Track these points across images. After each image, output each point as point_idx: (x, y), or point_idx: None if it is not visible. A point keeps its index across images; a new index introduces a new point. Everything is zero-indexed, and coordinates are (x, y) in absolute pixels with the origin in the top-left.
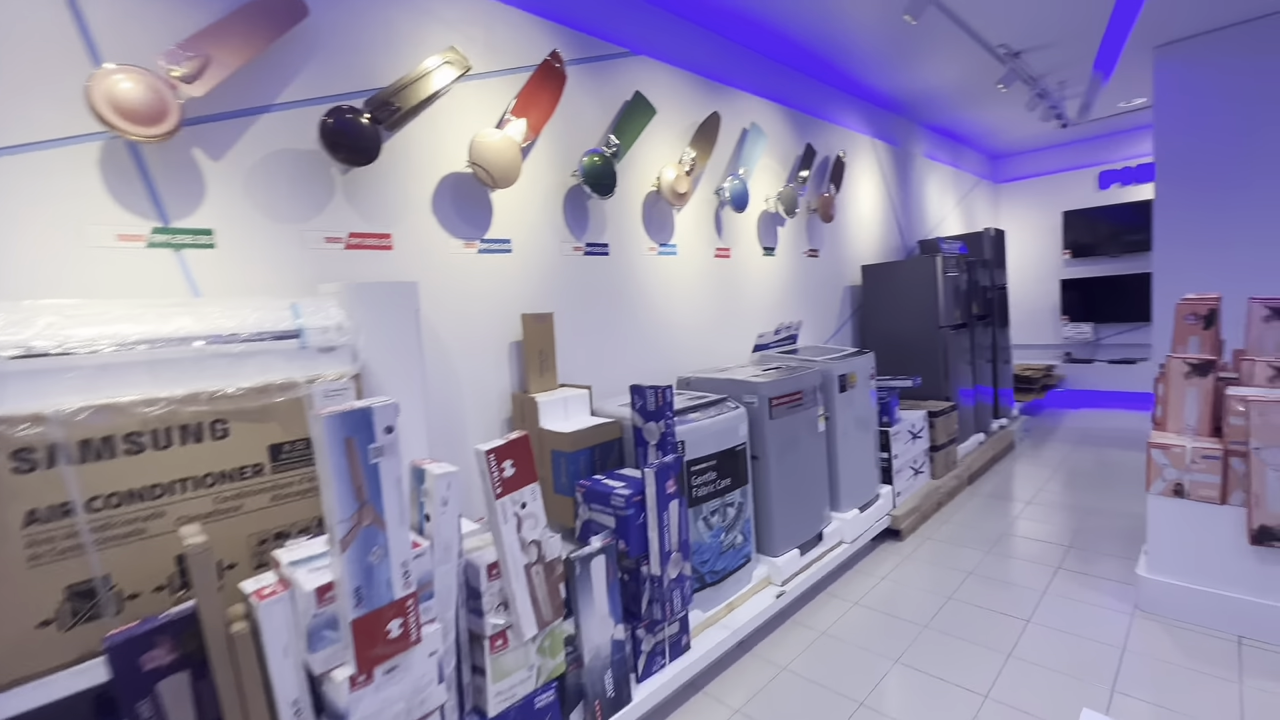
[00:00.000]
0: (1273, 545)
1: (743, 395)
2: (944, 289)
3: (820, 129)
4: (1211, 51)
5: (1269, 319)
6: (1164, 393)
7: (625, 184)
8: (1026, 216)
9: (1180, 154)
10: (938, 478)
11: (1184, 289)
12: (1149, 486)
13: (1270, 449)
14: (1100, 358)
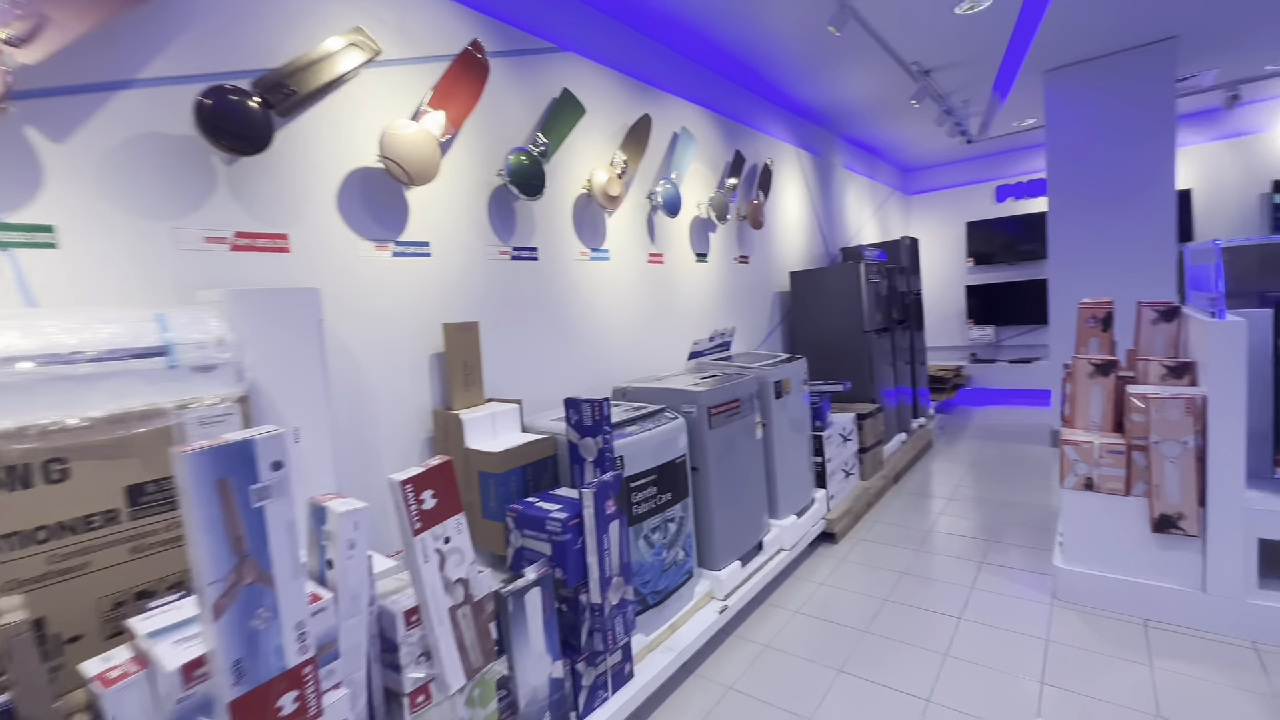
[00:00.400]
0: (1171, 532)
1: (681, 405)
2: (867, 295)
3: (748, 137)
4: (1094, 76)
5: (1157, 321)
6: (1072, 391)
7: (555, 185)
8: (934, 227)
9: (1069, 170)
10: (867, 479)
11: (1076, 294)
12: (1062, 481)
13: (1167, 442)
14: (1001, 358)
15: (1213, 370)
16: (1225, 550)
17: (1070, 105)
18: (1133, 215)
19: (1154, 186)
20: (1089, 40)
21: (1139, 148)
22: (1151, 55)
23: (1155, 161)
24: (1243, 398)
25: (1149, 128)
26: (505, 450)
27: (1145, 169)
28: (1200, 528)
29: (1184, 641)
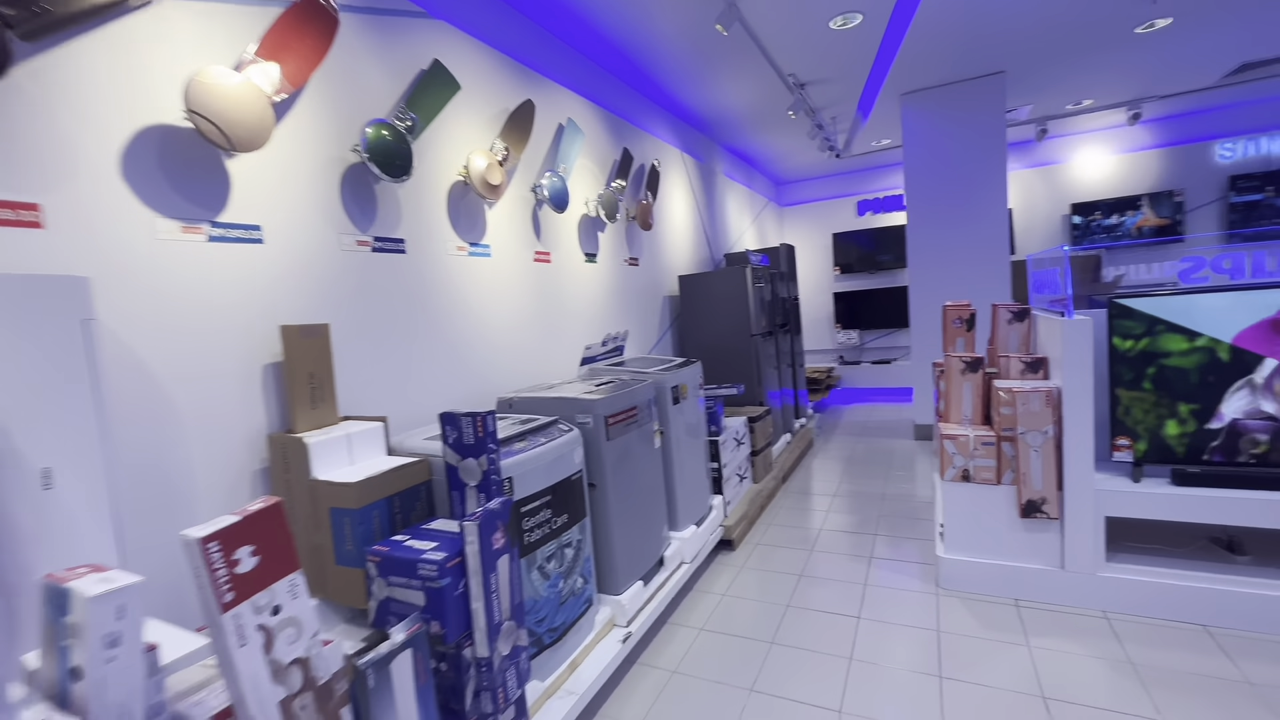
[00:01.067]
0: (1036, 516)
1: (575, 415)
2: (754, 299)
3: (636, 136)
4: (942, 102)
5: (1011, 321)
6: (945, 389)
7: (425, 169)
8: (805, 237)
9: (923, 187)
10: (759, 481)
11: (933, 299)
12: (943, 474)
13: (1032, 433)
14: (865, 359)
15: (1065, 364)
16: (1079, 530)
17: (923, 128)
18: (974, 229)
19: (990, 205)
20: (938, 69)
21: (978, 169)
22: (985, 87)
23: (990, 183)
24: (1091, 388)
25: (985, 152)
26: (365, 480)
27: (983, 189)
28: (1060, 510)
29: (1050, 618)
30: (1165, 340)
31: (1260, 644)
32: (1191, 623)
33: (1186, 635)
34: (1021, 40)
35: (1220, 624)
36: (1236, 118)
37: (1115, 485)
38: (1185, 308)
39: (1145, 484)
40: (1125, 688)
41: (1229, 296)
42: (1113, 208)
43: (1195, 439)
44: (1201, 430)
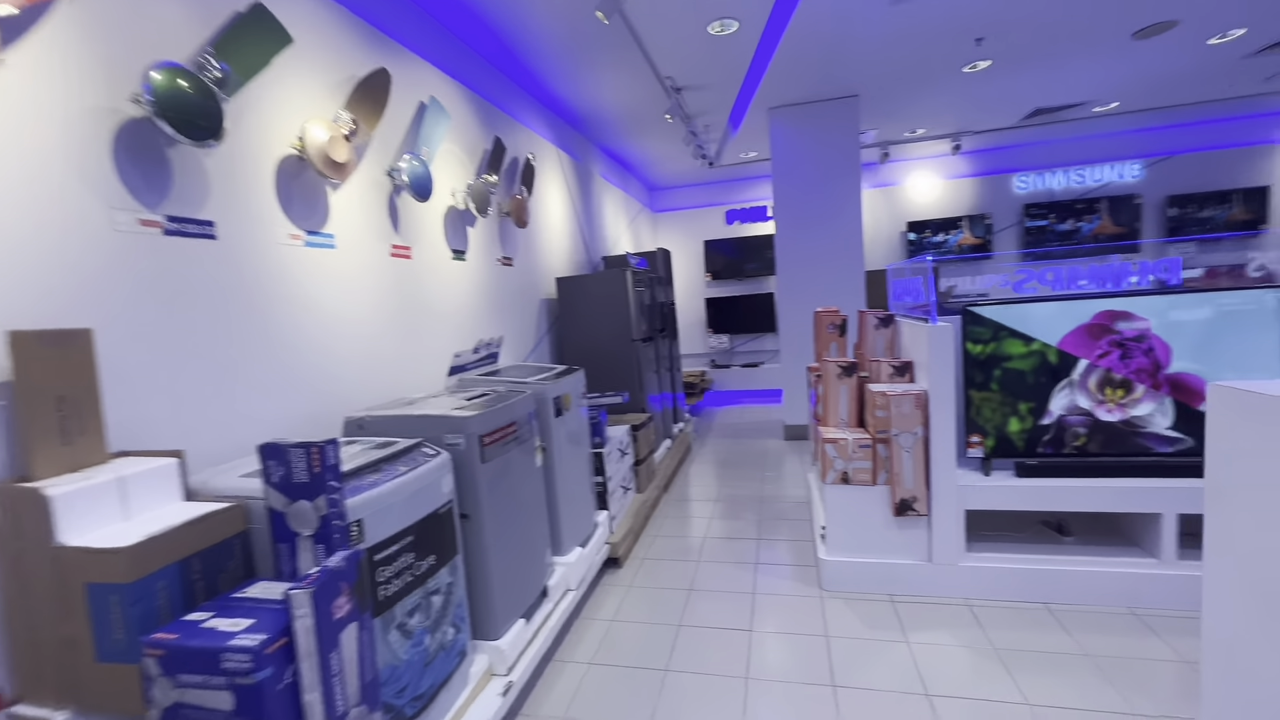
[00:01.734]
0: (909, 514)
1: (444, 436)
2: (635, 303)
3: (509, 126)
4: (806, 119)
5: (878, 327)
6: (823, 392)
7: (246, 136)
8: (678, 243)
9: (789, 199)
10: (643, 491)
11: (799, 305)
12: (825, 477)
13: (904, 434)
14: (735, 363)
15: (931, 367)
16: (945, 524)
17: (789, 142)
18: (834, 240)
19: (847, 218)
20: (803, 86)
21: (836, 185)
22: (842, 109)
23: (847, 198)
24: (953, 390)
25: (843, 170)
26: (144, 541)
27: (841, 203)
28: (928, 507)
29: (922, 610)
30: (1008, 345)
31: (1088, 616)
32: (1035, 602)
33: (1032, 614)
34: (872, 68)
35: (1056, 600)
36: (1029, 155)
37: (971, 480)
38: (1023, 315)
39: (995, 477)
40: (994, 675)
41: (1055, 305)
42: (940, 227)
43: (1032, 434)
44: (1037, 426)
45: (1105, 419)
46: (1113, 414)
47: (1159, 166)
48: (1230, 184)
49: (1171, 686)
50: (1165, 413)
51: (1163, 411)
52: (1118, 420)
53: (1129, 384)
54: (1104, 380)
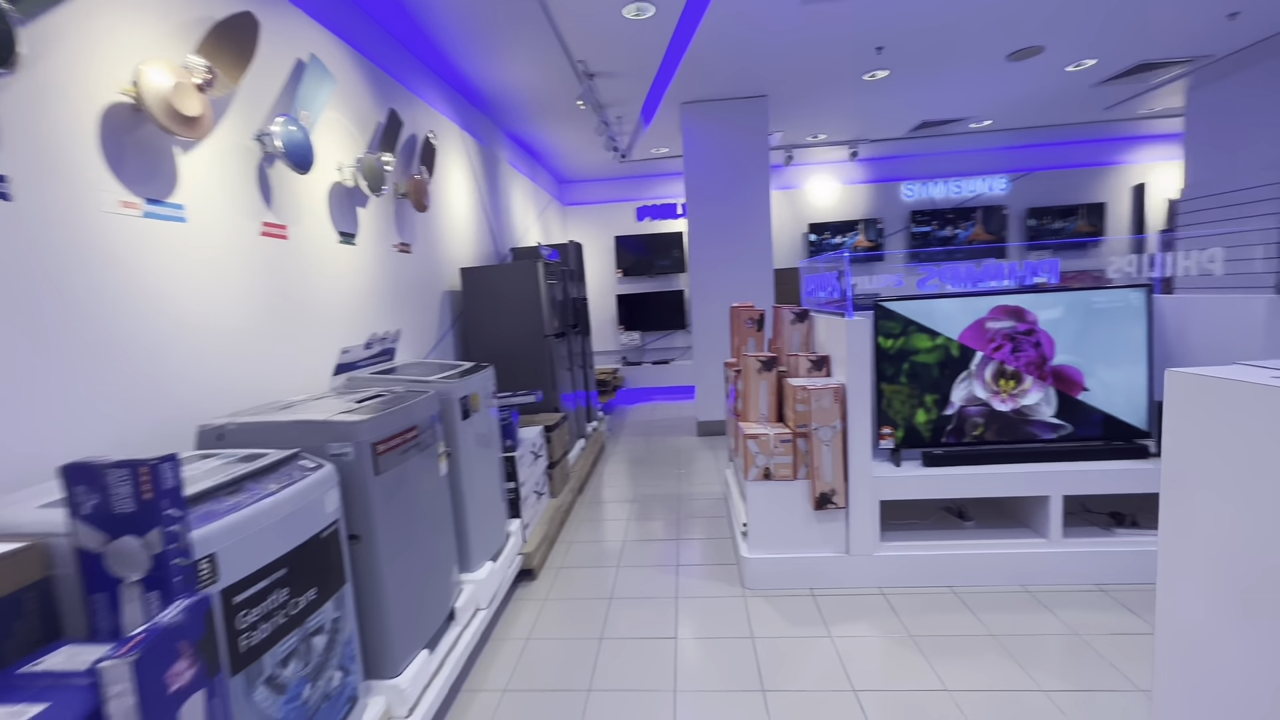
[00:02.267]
0: (828, 507)
1: (328, 445)
2: (547, 297)
3: (407, 100)
4: (718, 116)
5: (794, 322)
6: (744, 388)
7: (53, 70)
8: (590, 238)
9: (702, 196)
10: (557, 495)
11: (712, 301)
12: (746, 474)
13: (824, 428)
14: (647, 360)
15: (849, 361)
16: (861, 515)
17: (701, 139)
18: (745, 238)
19: (757, 218)
20: (715, 83)
21: (747, 184)
22: (752, 108)
23: (757, 198)
24: (869, 384)
25: (753, 169)
26: None
27: (751, 202)
28: (846, 499)
29: (841, 603)
30: (916, 339)
31: (988, 596)
32: (941, 586)
33: (940, 598)
34: (781, 68)
35: (960, 583)
36: (916, 165)
37: (885, 472)
38: (929, 311)
39: (905, 468)
40: (913, 663)
41: (958, 301)
42: (838, 229)
43: (937, 425)
44: (941, 416)
45: (1000, 409)
46: (1006, 404)
47: (1021, 181)
48: (1077, 199)
49: (1067, 659)
50: (1050, 402)
51: (1048, 401)
52: (1010, 410)
53: (1019, 375)
54: (998, 372)
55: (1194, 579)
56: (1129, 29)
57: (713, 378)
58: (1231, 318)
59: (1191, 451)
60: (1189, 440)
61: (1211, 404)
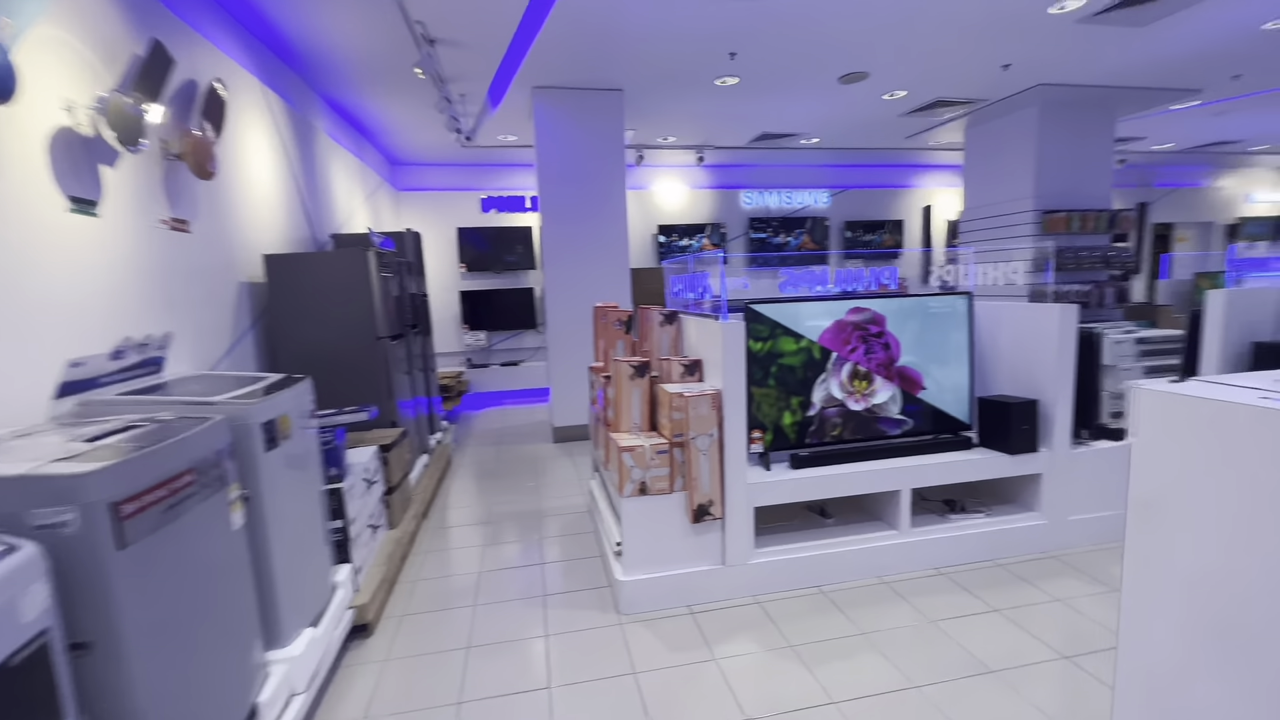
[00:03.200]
0: (706, 519)
1: (31, 512)
2: (381, 292)
3: (179, 32)
4: (572, 106)
5: (663, 324)
6: (615, 395)
7: None
8: (429, 229)
9: (556, 189)
10: (397, 525)
11: (568, 300)
12: (621, 490)
13: (701, 436)
14: (494, 361)
15: (724, 366)
16: (738, 524)
17: (555, 128)
18: (601, 236)
19: (613, 215)
20: (569, 69)
21: (602, 180)
22: (608, 102)
23: (612, 194)
24: (744, 388)
25: (609, 164)
26: None
27: (607, 199)
28: (723, 509)
29: (720, 619)
30: (783, 342)
31: (852, 591)
32: (811, 587)
33: (811, 600)
34: (637, 62)
35: (827, 582)
36: (755, 175)
37: (758, 477)
38: (794, 313)
39: (775, 471)
40: (797, 676)
41: (819, 305)
42: (685, 232)
43: (801, 426)
44: (805, 418)
45: (854, 409)
46: (859, 404)
47: (840, 196)
48: (883, 216)
49: (928, 649)
50: (896, 400)
51: (894, 400)
52: (863, 409)
53: (870, 376)
54: (853, 373)
55: (1166, 616)
56: (931, 68)
57: (570, 380)
58: (1033, 323)
59: (1167, 477)
60: (1164, 465)
61: (1195, 426)
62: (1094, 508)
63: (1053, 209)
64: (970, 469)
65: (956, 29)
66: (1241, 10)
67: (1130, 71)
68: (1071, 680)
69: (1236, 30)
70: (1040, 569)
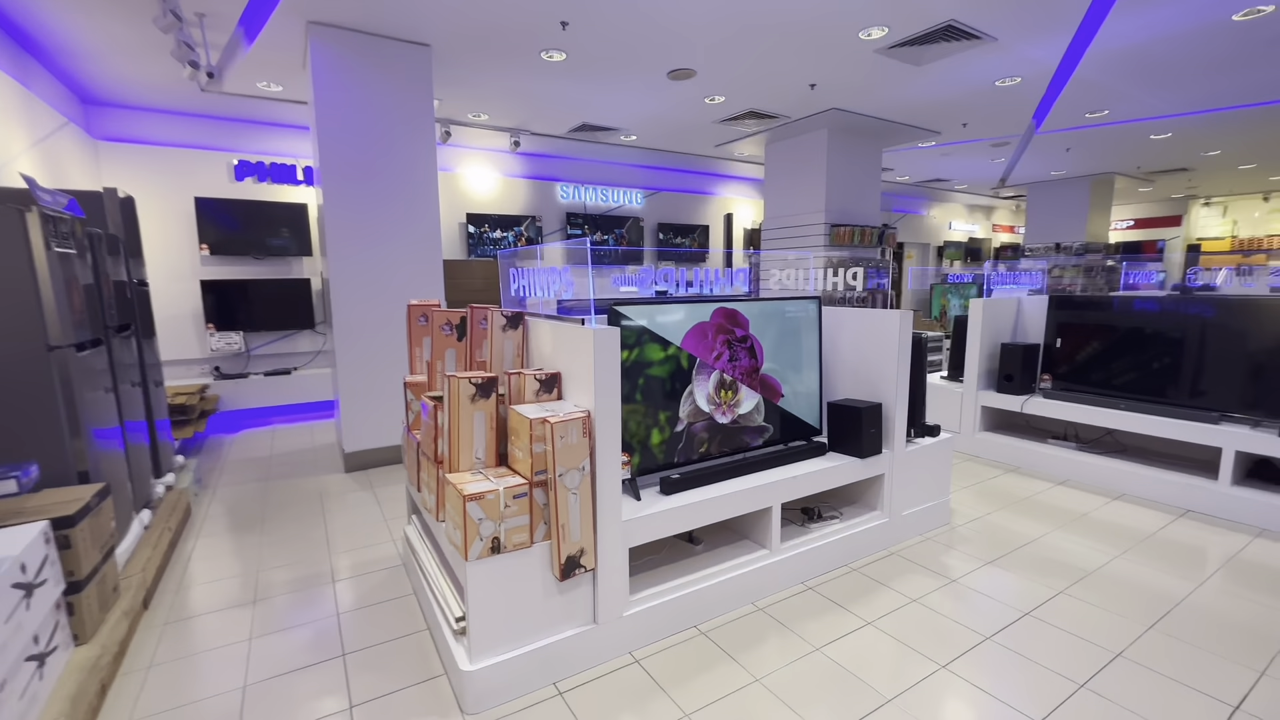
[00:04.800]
0: (576, 573)
1: None
2: (54, 275)
3: None
4: (365, 54)
5: (506, 328)
6: (448, 422)
7: None
8: (148, 195)
9: (343, 157)
10: (91, 638)
11: (363, 295)
12: (466, 552)
13: (571, 472)
14: (256, 370)
15: (595, 380)
16: (611, 572)
17: (343, 79)
18: (406, 220)
19: (421, 195)
20: (359, 3)
21: (407, 150)
22: (413, 56)
23: (420, 169)
24: (618, 407)
25: (415, 132)
26: None
27: (413, 174)
28: (595, 557)
29: (595, 692)
30: (650, 349)
31: (731, 627)
32: (689, 628)
33: (693, 646)
34: (449, 14)
35: (703, 619)
36: (571, 169)
37: (630, 511)
38: (661, 317)
39: (646, 500)
40: None
41: (684, 307)
42: (498, 223)
43: (669, 445)
44: (674, 435)
45: (721, 422)
46: (726, 416)
47: (653, 199)
48: (692, 220)
49: (830, 688)
50: (760, 410)
51: (758, 409)
52: (729, 421)
53: (736, 385)
54: (720, 383)
55: None
56: (752, 76)
57: (367, 392)
58: (873, 328)
59: None
60: None
61: None
62: (919, 501)
63: (839, 223)
64: (831, 476)
65: (779, 35)
66: (983, 66)
67: (900, 108)
68: (957, 692)
69: (976, 83)
70: (888, 569)
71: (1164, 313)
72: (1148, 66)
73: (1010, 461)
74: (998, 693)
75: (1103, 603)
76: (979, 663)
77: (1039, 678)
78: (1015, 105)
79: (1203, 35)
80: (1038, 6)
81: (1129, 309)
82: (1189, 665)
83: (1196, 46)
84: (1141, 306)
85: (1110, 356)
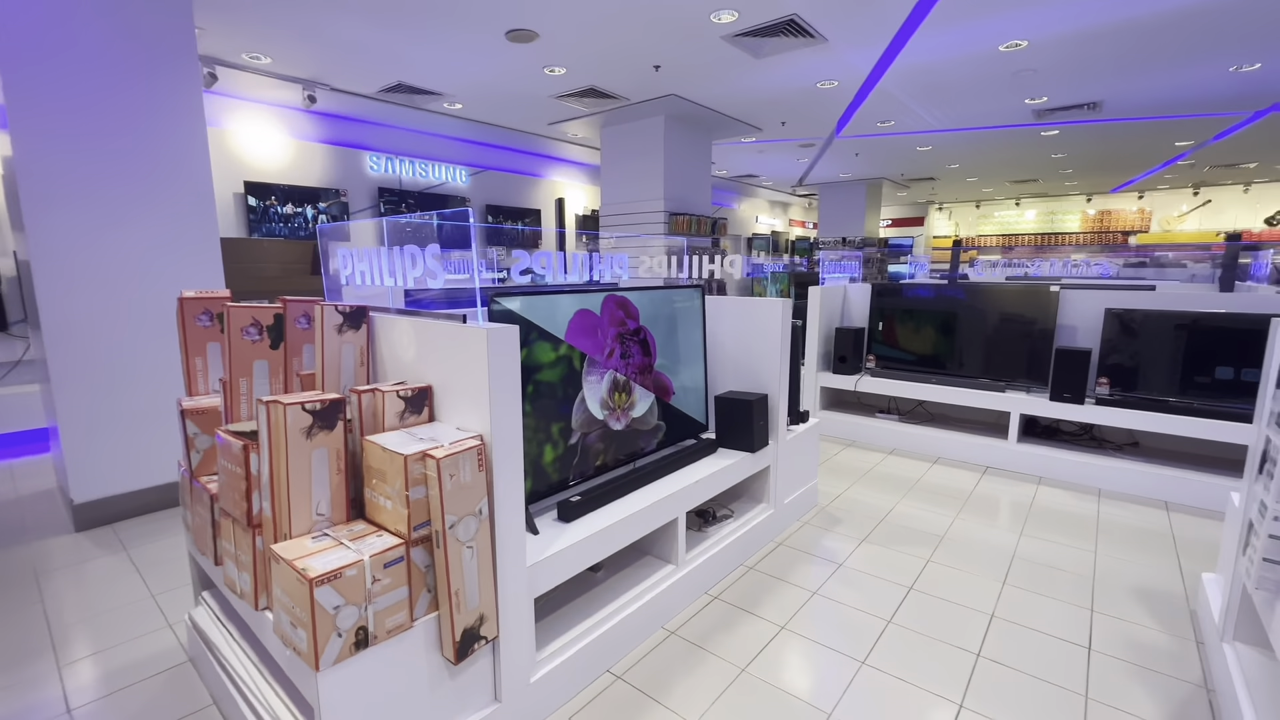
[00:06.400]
0: (475, 649)
1: None
2: None
3: None
4: None
5: (343, 328)
6: (267, 471)
7: None
8: None
9: (51, 95)
10: None
11: (89, 284)
12: (317, 659)
13: (465, 520)
14: None
15: (491, 395)
16: (516, 635)
17: None
18: (159, 184)
19: (183, 153)
20: None
21: (158, 91)
22: None
23: (182, 118)
24: (520, 428)
25: (170, 67)
26: None
27: (170, 125)
28: (498, 624)
29: None
30: (539, 350)
31: (647, 663)
32: (602, 674)
33: (610, 697)
34: None
35: (616, 659)
36: (383, 137)
37: (533, 553)
38: (550, 311)
39: (546, 532)
40: None
41: (572, 298)
42: (289, 196)
43: (564, 461)
44: (569, 449)
45: (616, 428)
46: (621, 421)
47: (480, 179)
48: (523, 204)
49: (761, 714)
50: (654, 411)
51: (652, 411)
52: (624, 426)
53: (630, 386)
54: (614, 384)
55: None
56: (597, 49)
57: (104, 416)
58: (754, 317)
59: None
60: None
61: None
62: (796, 487)
63: (676, 211)
64: (730, 474)
65: (634, 5)
66: (810, 66)
67: (733, 101)
68: (884, 688)
69: (802, 82)
70: (781, 562)
71: (944, 299)
72: (931, 84)
73: (848, 436)
74: (916, 680)
75: (961, 564)
76: (890, 650)
77: (943, 655)
78: (827, 108)
79: (976, 60)
80: (866, 13)
81: (920, 296)
82: (1043, 615)
83: (968, 70)
84: (927, 294)
85: (917, 338)
